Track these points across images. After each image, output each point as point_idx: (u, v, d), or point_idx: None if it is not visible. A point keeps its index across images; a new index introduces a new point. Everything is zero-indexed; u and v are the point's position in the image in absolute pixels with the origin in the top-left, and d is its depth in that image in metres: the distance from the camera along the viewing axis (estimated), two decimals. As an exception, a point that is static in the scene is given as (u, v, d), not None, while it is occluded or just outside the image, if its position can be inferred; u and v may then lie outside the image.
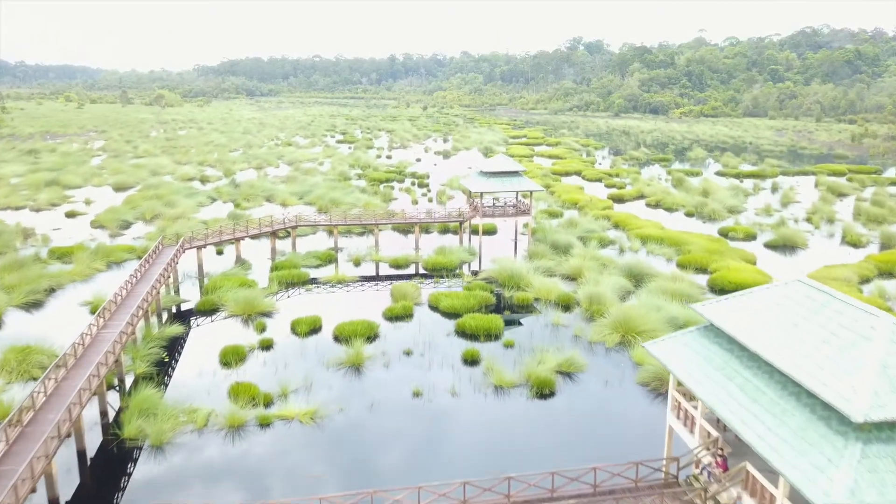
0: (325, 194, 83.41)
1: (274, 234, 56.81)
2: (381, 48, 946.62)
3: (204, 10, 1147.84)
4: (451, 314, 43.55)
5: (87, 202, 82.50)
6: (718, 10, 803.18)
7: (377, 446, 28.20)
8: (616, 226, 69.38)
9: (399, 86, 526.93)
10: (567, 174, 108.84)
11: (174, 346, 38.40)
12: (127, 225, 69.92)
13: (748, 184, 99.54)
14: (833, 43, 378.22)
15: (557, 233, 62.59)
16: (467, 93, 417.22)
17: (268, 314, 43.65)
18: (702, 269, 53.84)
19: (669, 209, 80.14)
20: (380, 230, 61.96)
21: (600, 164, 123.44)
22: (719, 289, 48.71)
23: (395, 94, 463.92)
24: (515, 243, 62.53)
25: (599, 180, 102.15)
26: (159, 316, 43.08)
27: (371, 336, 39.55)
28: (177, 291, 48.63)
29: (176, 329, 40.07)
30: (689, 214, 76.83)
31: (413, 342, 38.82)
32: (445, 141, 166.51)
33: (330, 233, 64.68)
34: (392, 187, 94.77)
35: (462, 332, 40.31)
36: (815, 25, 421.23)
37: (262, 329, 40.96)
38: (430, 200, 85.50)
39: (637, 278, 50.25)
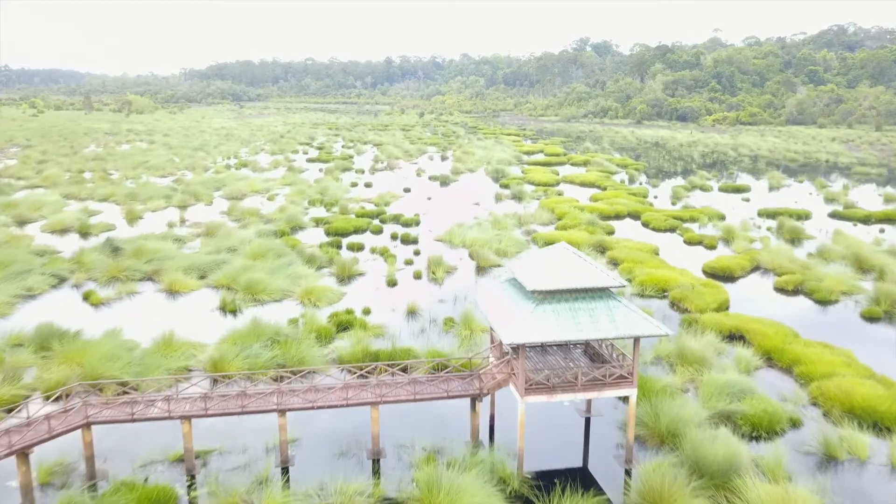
0: (244, 270, 50.57)
1: (26, 456, 23.47)
2: (378, 50, 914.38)
3: (201, 12, 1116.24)
4: None
5: None
6: (726, 9, 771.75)
7: None
8: (767, 357, 36.54)
9: (395, 90, 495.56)
10: (618, 216, 75.95)
11: None
12: None
13: (891, 232, 66.91)
14: (865, 42, 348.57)
15: (676, 398, 29.89)
16: (468, 97, 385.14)
17: None
18: None
19: (824, 299, 47.09)
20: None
21: (656, 197, 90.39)
22: None
23: (389, 99, 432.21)
24: (587, 433, 29.71)
25: (672, 230, 69.27)
26: None
27: None
28: None
29: None
30: (872, 317, 43.75)
31: None
32: (444, 159, 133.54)
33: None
34: (362, 246, 62.00)
35: None
36: (841, 23, 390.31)
37: None
38: (419, 276, 52.67)
39: None
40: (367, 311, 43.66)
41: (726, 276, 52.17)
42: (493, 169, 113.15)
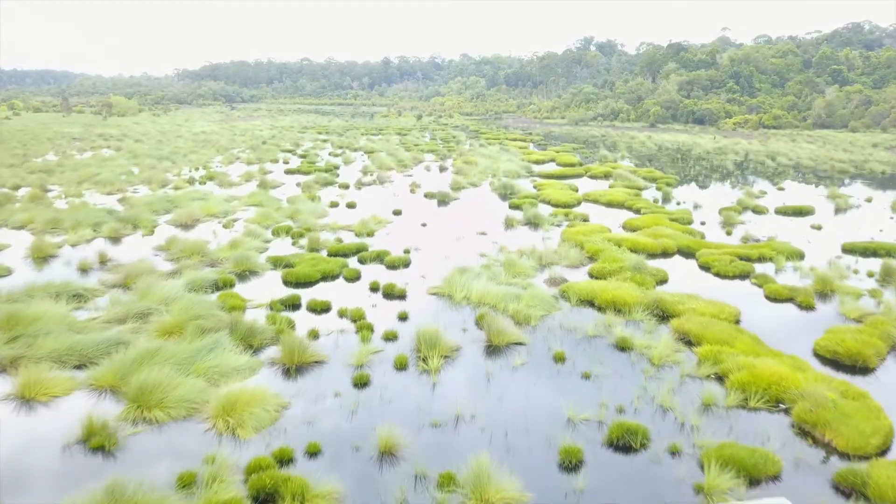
0: (144, 357, 34.03)
1: None
2: (376, 51, 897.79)
3: (198, 11, 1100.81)
4: None
5: None
6: (732, 7, 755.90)
7: None
8: None
9: (393, 91, 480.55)
10: (665, 254, 59.42)
11: None
12: None
13: None
14: (884, 40, 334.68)
15: None
16: (468, 98, 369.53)
17: None
18: None
19: None
20: None
21: (703, 223, 73.79)
22: None
23: (387, 100, 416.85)
24: None
25: (742, 276, 52.70)
26: None
27: None
28: None
29: None
30: None
31: None
32: (443, 170, 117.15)
33: None
34: (328, 306, 45.27)
35: None
36: (857, 20, 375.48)
37: None
38: (403, 366, 35.78)
39: None
40: (313, 451, 26.96)
41: (856, 366, 35.57)
42: (499, 184, 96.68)
